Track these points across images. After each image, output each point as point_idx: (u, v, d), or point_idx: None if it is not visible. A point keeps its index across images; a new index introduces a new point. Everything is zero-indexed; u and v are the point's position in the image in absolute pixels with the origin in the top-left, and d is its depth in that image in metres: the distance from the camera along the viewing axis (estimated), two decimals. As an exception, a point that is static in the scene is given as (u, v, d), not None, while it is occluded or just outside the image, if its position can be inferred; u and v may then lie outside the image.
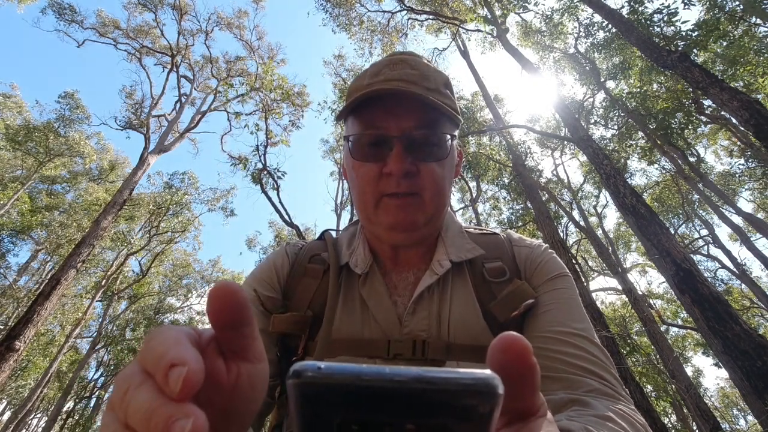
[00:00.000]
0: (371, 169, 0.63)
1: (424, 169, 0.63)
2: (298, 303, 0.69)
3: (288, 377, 0.17)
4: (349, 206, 11.03)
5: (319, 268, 0.72)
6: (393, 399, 0.17)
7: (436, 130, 0.64)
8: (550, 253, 0.72)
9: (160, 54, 17.13)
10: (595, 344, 0.59)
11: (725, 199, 14.90)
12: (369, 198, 0.65)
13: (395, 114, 0.62)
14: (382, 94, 0.61)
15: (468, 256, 0.70)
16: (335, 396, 0.17)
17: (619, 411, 0.48)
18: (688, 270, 5.62)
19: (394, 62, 0.67)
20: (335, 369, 0.17)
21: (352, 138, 0.66)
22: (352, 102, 0.63)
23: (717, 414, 22.16)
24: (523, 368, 0.20)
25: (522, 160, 11.72)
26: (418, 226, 0.65)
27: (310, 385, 0.17)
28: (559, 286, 0.66)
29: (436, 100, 0.61)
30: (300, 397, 0.17)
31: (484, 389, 0.17)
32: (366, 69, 0.72)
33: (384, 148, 0.62)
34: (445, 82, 0.69)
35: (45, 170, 18.79)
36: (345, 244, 0.76)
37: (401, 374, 0.17)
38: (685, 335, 20.45)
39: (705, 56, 11.95)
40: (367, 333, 0.64)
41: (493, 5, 13.24)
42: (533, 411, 0.22)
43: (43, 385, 16.24)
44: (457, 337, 0.62)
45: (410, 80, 0.62)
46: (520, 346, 0.20)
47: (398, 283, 0.70)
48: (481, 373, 0.18)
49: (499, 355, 0.20)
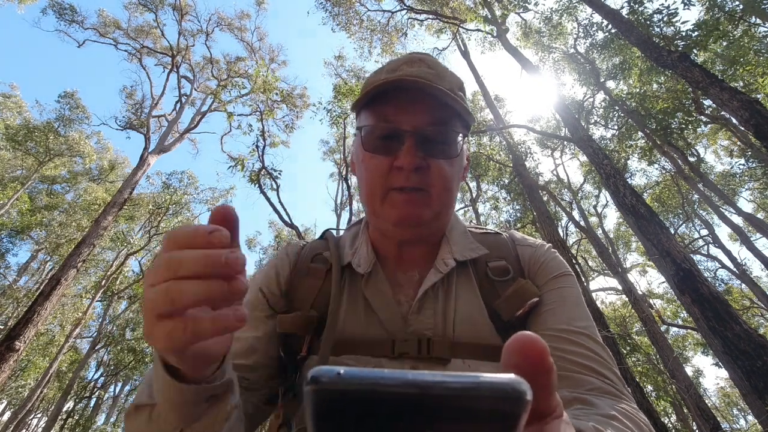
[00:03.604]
0: (382, 162, 0.64)
1: (434, 166, 0.63)
2: (301, 303, 0.69)
3: (306, 383, 0.16)
4: (348, 206, 11.01)
5: (322, 268, 0.72)
6: (415, 405, 0.16)
7: (448, 129, 0.64)
8: (553, 252, 0.72)
9: (161, 54, 17.13)
10: (597, 342, 0.59)
11: (725, 199, 14.90)
12: (377, 191, 0.65)
13: (409, 109, 0.63)
14: (398, 86, 0.62)
15: (472, 255, 0.70)
16: (355, 403, 0.16)
17: (622, 410, 0.48)
18: (688, 270, 5.62)
19: (412, 60, 0.68)
20: (356, 374, 0.16)
21: (364, 130, 0.66)
22: (368, 93, 0.63)
23: (717, 414, 22.16)
24: (541, 369, 0.20)
25: (522, 160, 11.72)
26: (423, 222, 0.65)
27: (330, 392, 0.16)
28: (563, 284, 0.66)
29: (449, 98, 0.62)
30: (318, 403, 0.16)
31: (512, 395, 0.16)
32: (383, 65, 0.73)
33: (396, 142, 0.63)
34: (460, 85, 0.70)
35: (45, 170, 18.79)
36: (347, 243, 0.76)
37: (424, 379, 0.16)
38: (685, 335, 20.45)
39: (705, 56, 11.95)
40: (371, 332, 0.64)
41: (493, 5, 13.25)
42: (550, 412, 0.21)
43: (43, 385, 16.22)
44: (462, 336, 0.62)
45: (426, 78, 0.62)
46: (538, 347, 0.20)
47: (402, 281, 0.70)
48: (507, 378, 0.17)
49: (516, 356, 0.20)
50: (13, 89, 20.60)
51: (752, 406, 4.89)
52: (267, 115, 11.13)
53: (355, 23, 15.21)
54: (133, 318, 21.69)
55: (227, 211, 0.35)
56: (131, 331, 21.25)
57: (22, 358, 16.37)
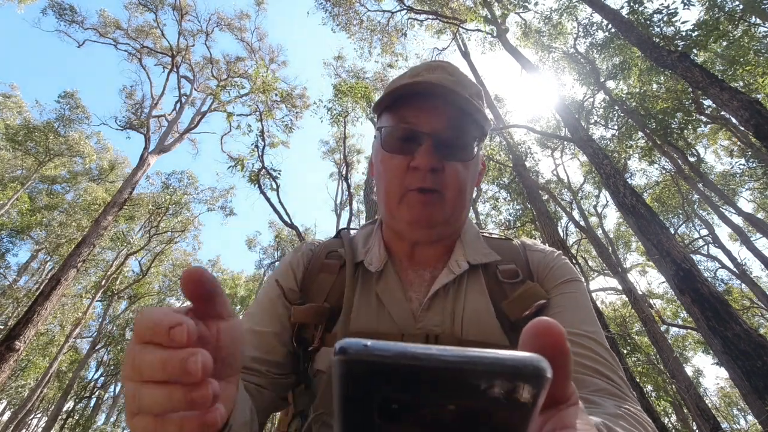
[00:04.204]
0: (400, 162, 0.66)
1: (449, 168, 0.65)
2: (315, 296, 0.71)
3: (335, 353, 0.17)
4: (348, 206, 11.02)
5: (336, 264, 0.74)
6: (438, 378, 0.16)
7: (465, 133, 0.67)
8: (563, 258, 0.74)
9: (161, 54, 17.13)
10: (603, 347, 0.60)
11: (725, 199, 14.90)
12: (395, 191, 0.67)
13: (428, 113, 0.65)
14: (418, 90, 0.65)
15: (485, 260, 0.71)
16: (381, 374, 0.16)
17: (628, 411, 0.48)
18: (688, 270, 5.62)
19: (433, 67, 0.72)
20: (382, 346, 0.17)
21: (384, 130, 0.69)
22: (389, 96, 0.66)
23: (717, 414, 22.18)
24: (559, 353, 0.20)
25: (522, 160, 11.71)
26: (437, 224, 0.67)
27: (357, 362, 0.17)
28: (571, 290, 0.67)
29: (467, 105, 0.64)
30: (345, 373, 0.17)
31: (533, 372, 0.17)
32: (405, 72, 0.77)
33: (414, 143, 0.65)
34: (478, 92, 0.72)
35: (45, 170, 18.79)
36: (361, 242, 0.78)
37: (448, 353, 0.17)
38: (685, 335, 20.47)
39: (705, 56, 11.96)
40: (382, 327, 0.66)
41: (493, 5, 13.25)
42: (565, 398, 0.21)
43: (43, 385, 16.23)
44: (469, 333, 0.64)
45: (446, 84, 0.65)
46: (556, 331, 0.20)
47: (414, 280, 0.72)
48: (528, 355, 0.17)
49: (535, 339, 0.20)
50: (13, 89, 20.61)
51: (752, 406, 4.89)
52: (266, 115, 11.12)
53: (355, 23, 15.22)
54: (133, 318, 21.70)
55: (197, 275, 0.31)
56: (131, 331, 21.22)
57: (22, 358, 16.38)
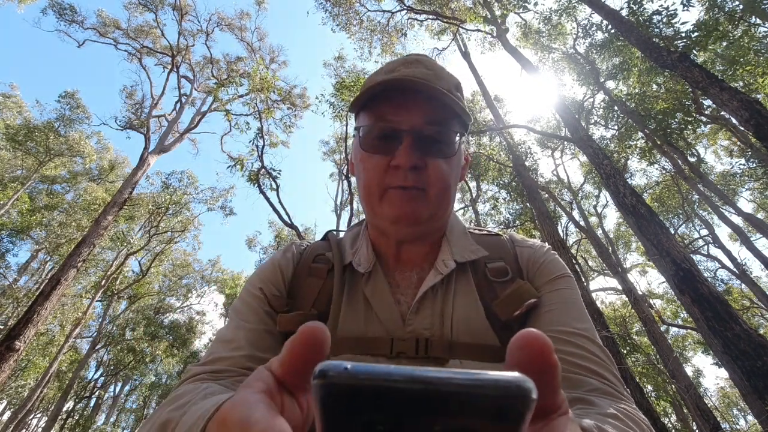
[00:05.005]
0: (379, 161, 0.64)
1: (431, 165, 0.64)
2: (303, 302, 0.69)
3: (313, 377, 0.17)
4: (348, 206, 11.02)
5: (323, 268, 0.72)
6: (421, 401, 0.16)
7: (446, 128, 0.65)
8: (552, 253, 0.72)
9: (161, 54, 17.13)
10: (596, 344, 0.59)
11: (725, 199, 14.90)
12: (375, 190, 0.65)
13: (406, 109, 0.63)
14: (395, 86, 0.62)
15: (472, 257, 0.70)
16: (362, 397, 0.16)
17: (622, 410, 0.48)
18: (688, 270, 5.62)
19: (410, 61, 0.68)
20: (363, 369, 0.16)
21: (362, 129, 0.67)
22: (365, 94, 0.64)
23: (717, 414, 22.16)
24: (546, 366, 0.20)
25: (522, 160, 11.72)
26: (421, 220, 0.65)
27: (337, 386, 0.16)
28: (562, 286, 0.66)
29: (447, 98, 0.62)
30: (325, 397, 0.16)
31: (517, 393, 0.16)
32: (381, 67, 0.73)
33: (393, 142, 0.63)
34: (457, 85, 0.70)
35: (45, 170, 18.79)
36: (348, 244, 0.76)
37: (430, 376, 0.16)
38: (685, 335, 20.47)
39: (705, 56, 11.96)
40: (370, 331, 0.64)
41: (493, 5, 13.26)
42: (555, 408, 0.21)
43: (43, 385, 16.22)
44: (460, 336, 0.62)
45: (424, 78, 0.63)
46: (541, 343, 0.20)
47: (401, 282, 0.70)
48: (512, 376, 0.17)
49: (521, 353, 0.20)
50: (13, 89, 20.63)
51: (752, 406, 4.89)
52: (266, 114, 11.12)
53: (355, 23, 15.22)
54: (132, 318, 21.71)
55: (317, 333, 0.23)
56: (131, 331, 21.25)
57: (22, 358, 16.38)
